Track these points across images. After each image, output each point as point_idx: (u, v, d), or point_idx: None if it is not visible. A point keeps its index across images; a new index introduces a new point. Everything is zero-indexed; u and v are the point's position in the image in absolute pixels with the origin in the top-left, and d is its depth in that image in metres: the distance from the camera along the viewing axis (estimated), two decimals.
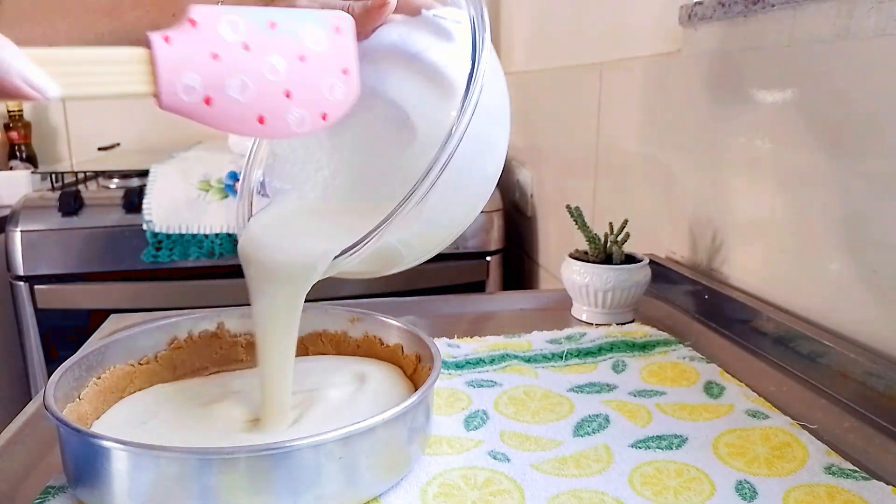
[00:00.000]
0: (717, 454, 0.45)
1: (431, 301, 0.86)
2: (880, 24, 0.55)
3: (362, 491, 0.40)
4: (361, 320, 0.57)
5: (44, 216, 1.18)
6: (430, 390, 0.44)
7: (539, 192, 1.39)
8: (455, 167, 0.39)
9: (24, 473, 0.45)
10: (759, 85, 0.70)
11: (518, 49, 1.56)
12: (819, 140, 0.62)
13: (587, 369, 0.60)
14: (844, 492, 0.40)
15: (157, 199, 1.18)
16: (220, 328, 0.57)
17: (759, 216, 0.71)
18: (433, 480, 0.43)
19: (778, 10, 0.66)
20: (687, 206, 0.84)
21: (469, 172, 0.43)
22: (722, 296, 0.71)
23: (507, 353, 0.62)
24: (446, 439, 0.48)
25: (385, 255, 0.45)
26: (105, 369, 0.50)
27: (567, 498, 0.41)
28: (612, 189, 1.06)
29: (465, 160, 0.40)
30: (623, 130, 1.01)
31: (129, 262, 1.19)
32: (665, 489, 0.41)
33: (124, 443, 0.37)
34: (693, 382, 0.56)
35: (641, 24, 0.96)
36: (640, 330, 0.66)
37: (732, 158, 0.74)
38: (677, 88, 0.85)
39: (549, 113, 1.32)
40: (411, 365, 0.53)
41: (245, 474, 0.37)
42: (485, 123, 0.42)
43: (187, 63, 0.35)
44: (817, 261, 0.63)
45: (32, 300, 1.19)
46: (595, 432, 0.49)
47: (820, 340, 0.58)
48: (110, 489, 0.38)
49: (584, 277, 0.71)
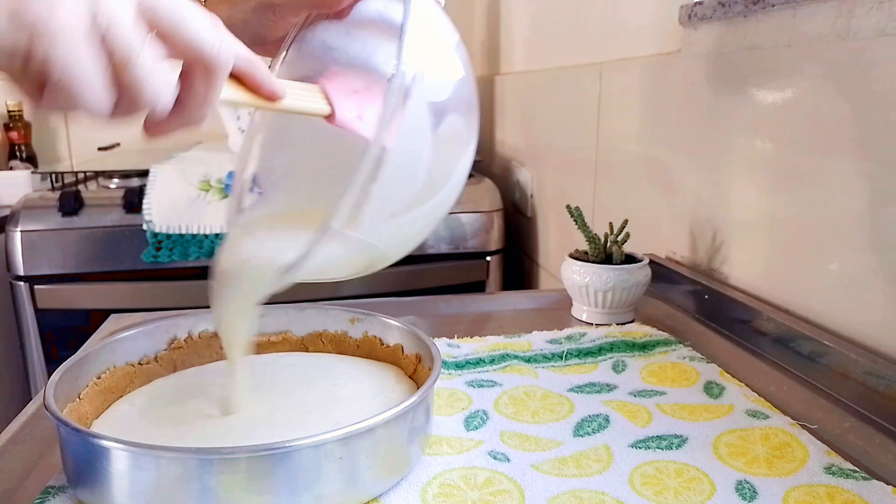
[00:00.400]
0: (717, 454, 0.45)
1: (431, 301, 0.86)
2: (880, 24, 0.55)
3: (362, 491, 0.40)
4: (361, 320, 0.57)
5: (44, 216, 1.18)
6: (430, 390, 0.44)
7: (539, 193, 1.39)
8: (395, 164, 0.36)
9: (24, 473, 0.45)
10: (758, 85, 0.70)
11: (518, 49, 1.56)
12: (819, 140, 0.62)
13: (587, 369, 0.60)
14: (844, 492, 0.40)
15: (156, 199, 1.18)
16: None
17: (759, 216, 0.71)
18: (433, 480, 0.43)
19: (778, 10, 0.66)
20: (687, 205, 0.84)
21: (414, 164, 0.39)
22: (722, 296, 0.71)
23: (507, 353, 0.62)
24: (446, 439, 0.48)
25: (354, 258, 0.42)
26: (105, 369, 0.50)
27: (567, 498, 0.41)
28: (612, 189, 1.06)
29: (406, 154, 0.38)
30: (623, 130, 1.01)
31: (129, 262, 1.19)
32: (665, 489, 0.41)
33: (124, 443, 0.37)
34: (693, 382, 0.56)
35: (641, 23, 0.96)
36: (640, 330, 0.66)
37: (732, 158, 0.75)
38: (677, 88, 0.85)
39: (549, 113, 1.32)
40: (411, 365, 0.53)
41: (245, 474, 0.37)
42: (427, 114, 0.39)
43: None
44: (817, 261, 0.63)
45: (32, 300, 1.19)
46: (595, 432, 0.49)
47: (820, 340, 0.58)
48: (110, 489, 0.38)
49: (584, 277, 0.71)
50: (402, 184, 0.39)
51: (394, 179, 0.37)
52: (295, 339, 0.59)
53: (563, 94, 1.25)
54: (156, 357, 0.54)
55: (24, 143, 1.81)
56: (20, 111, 1.80)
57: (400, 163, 0.37)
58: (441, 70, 0.41)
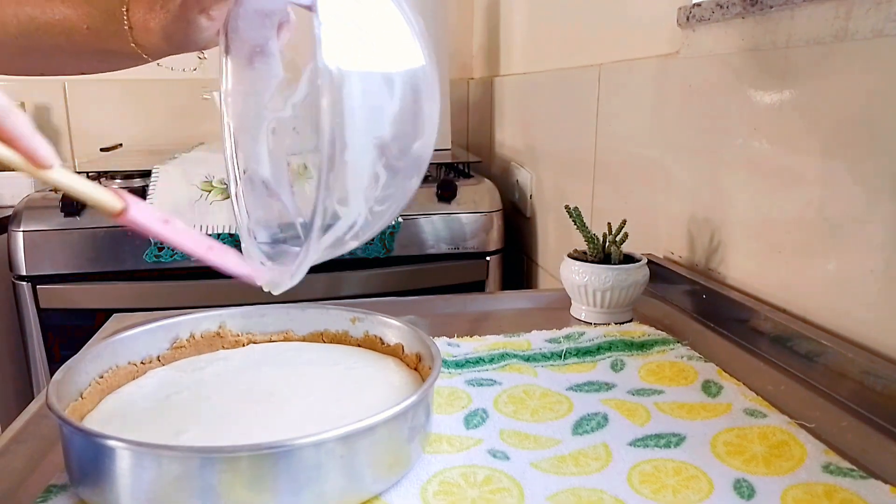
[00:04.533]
0: (716, 453, 0.45)
1: (431, 301, 0.86)
2: (878, 26, 0.55)
3: (363, 489, 0.41)
4: (362, 320, 0.58)
5: (46, 216, 1.18)
6: (430, 389, 0.45)
7: (538, 193, 1.39)
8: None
9: (26, 472, 0.45)
10: (756, 86, 0.70)
11: (517, 51, 1.57)
12: (816, 141, 0.62)
13: (586, 368, 0.60)
14: (842, 490, 0.40)
15: (159, 199, 1.18)
16: (221, 328, 0.57)
17: (757, 216, 0.71)
18: (433, 478, 0.43)
19: (776, 12, 0.66)
20: (685, 206, 0.84)
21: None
22: (720, 295, 0.72)
23: (506, 353, 0.62)
24: (446, 438, 0.48)
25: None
26: (107, 369, 0.50)
27: (566, 496, 0.41)
28: (610, 189, 1.06)
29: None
30: (622, 131, 1.01)
31: (132, 262, 1.19)
32: (663, 487, 0.42)
33: (127, 441, 0.38)
34: (691, 381, 0.56)
35: (640, 25, 0.96)
36: (639, 329, 0.67)
37: (730, 159, 0.75)
38: (675, 90, 0.85)
39: (548, 114, 1.33)
40: (412, 364, 0.54)
41: (246, 473, 0.37)
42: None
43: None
44: (814, 261, 0.63)
45: (35, 300, 1.20)
46: (594, 431, 0.49)
47: (817, 340, 0.58)
48: (112, 487, 0.38)
49: (583, 277, 0.71)
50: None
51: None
52: (296, 339, 0.59)
53: (563, 96, 1.25)
54: (158, 357, 0.54)
55: None
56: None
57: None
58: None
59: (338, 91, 0.35)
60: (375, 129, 0.38)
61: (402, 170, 0.40)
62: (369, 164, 0.38)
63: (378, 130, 0.38)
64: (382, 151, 0.39)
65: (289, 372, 0.53)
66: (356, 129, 0.37)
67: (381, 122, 0.38)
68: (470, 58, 1.96)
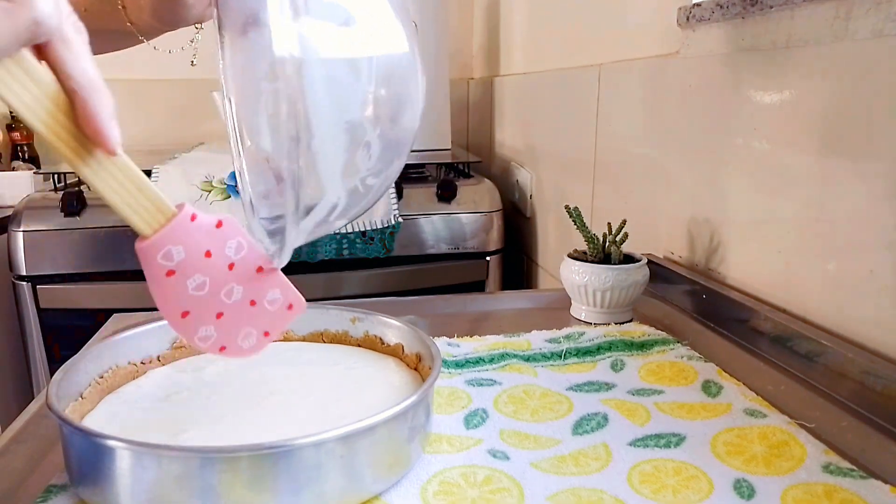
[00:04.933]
0: (716, 452, 0.45)
1: (431, 301, 0.86)
2: (877, 26, 0.55)
3: (363, 489, 0.41)
4: (362, 320, 0.58)
5: (46, 216, 1.19)
6: (430, 389, 0.45)
7: (538, 193, 1.39)
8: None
9: (26, 472, 0.45)
10: (756, 86, 0.70)
11: (517, 51, 1.57)
12: (816, 141, 0.62)
13: (586, 368, 0.60)
14: (842, 490, 0.40)
15: None
16: None
17: (757, 216, 0.71)
18: (433, 478, 0.43)
19: (776, 12, 0.66)
20: (685, 206, 0.84)
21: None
22: (720, 295, 0.72)
23: (506, 353, 0.62)
24: (446, 438, 0.48)
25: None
26: (107, 369, 0.50)
27: (566, 496, 0.41)
28: (610, 189, 1.06)
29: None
30: (622, 131, 1.01)
31: (132, 262, 1.17)
32: (663, 487, 0.42)
33: (127, 441, 0.38)
34: (691, 381, 0.56)
35: (640, 25, 0.96)
36: (639, 329, 0.67)
37: (730, 159, 0.75)
38: (675, 90, 0.85)
39: (548, 114, 1.33)
40: (412, 364, 0.54)
41: (246, 473, 0.37)
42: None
43: (183, 242, 0.39)
44: (814, 260, 0.63)
45: (35, 300, 1.20)
46: (594, 431, 0.49)
47: (817, 340, 0.58)
48: (112, 488, 0.38)
49: (583, 277, 0.71)
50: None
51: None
52: (296, 339, 0.59)
53: (563, 96, 1.25)
54: (158, 357, 0.54)
55: (26, 144, 1.81)
56: None
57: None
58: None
59: (297, 80, 0.35)
60: (345, 113, 0.37)
61: (393, 141, 0.40)
62: (342, 148, 0.38)
63: (349, 114, 0.38)
64: (364, 128, 0.38)
65: (289, 372, 0.53)
66: (322, 118, 0.36)
67: (351, 104, 0.38)
68: (470, 58, 1.96)
